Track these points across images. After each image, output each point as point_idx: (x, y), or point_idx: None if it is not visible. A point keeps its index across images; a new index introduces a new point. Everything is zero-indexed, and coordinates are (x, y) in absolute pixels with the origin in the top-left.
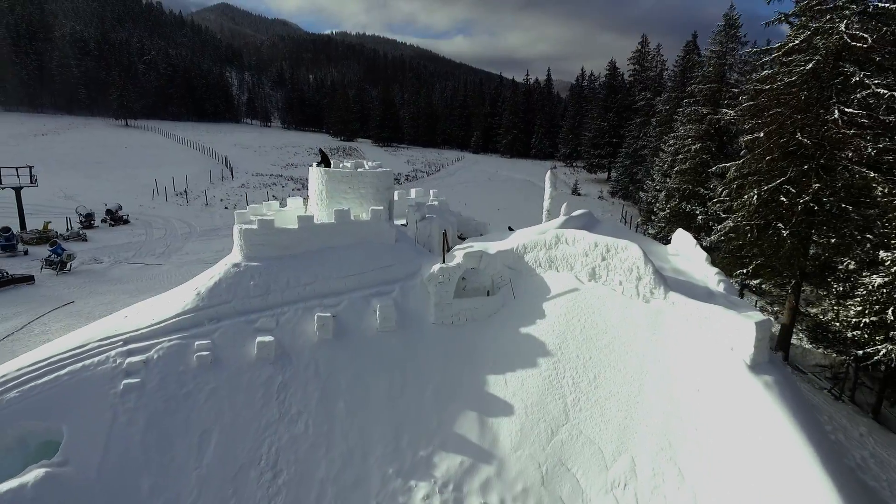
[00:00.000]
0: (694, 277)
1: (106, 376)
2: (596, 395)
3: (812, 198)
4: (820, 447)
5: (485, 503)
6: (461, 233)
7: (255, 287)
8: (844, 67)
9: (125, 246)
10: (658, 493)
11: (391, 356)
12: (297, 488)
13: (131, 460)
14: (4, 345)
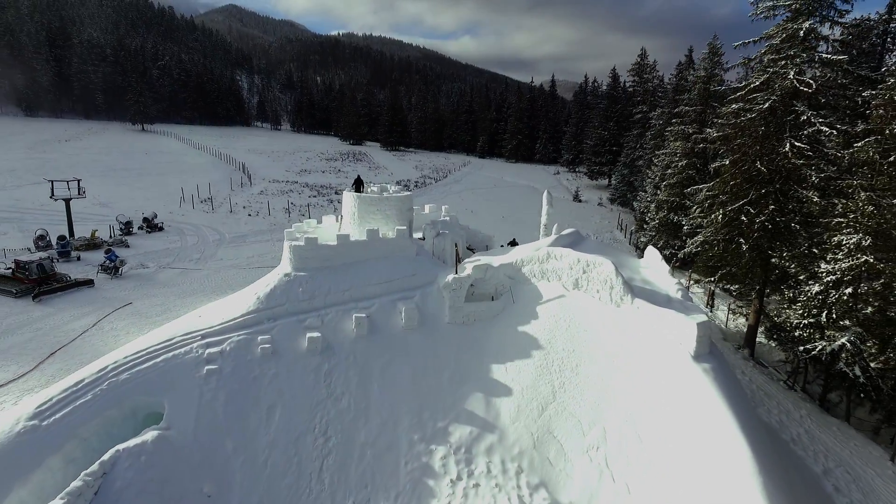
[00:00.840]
0: (658, 286)
1: (191, 363)
2: (577, 380)
3: (768, 218)
4: (741, 414)
5: (489, 462)
6: (470, 245)
7: (302, 293)
8: (796, 107)
9: (164, 252)
10: (622, 453)
11: (414, 349)
12: (343, 450)
13: (217, 427)
14: (84, 339)
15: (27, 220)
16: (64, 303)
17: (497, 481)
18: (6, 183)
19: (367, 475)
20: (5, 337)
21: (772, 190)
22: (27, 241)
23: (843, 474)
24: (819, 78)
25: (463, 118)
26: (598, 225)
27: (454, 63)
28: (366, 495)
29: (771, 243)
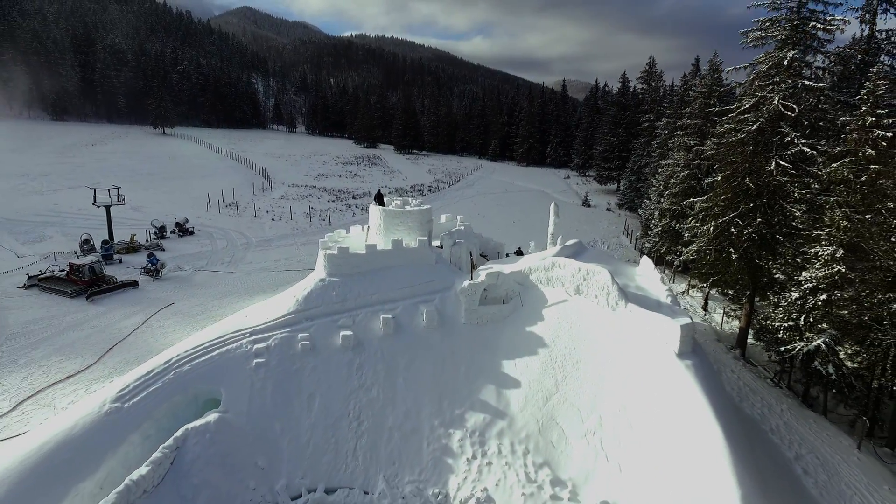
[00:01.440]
0: (650, 293)
1: (242, 357)
2: (577, 374)
3: (755, 230)
4: (717, 404)
5: (500, 444)
6: (483, 252)
7: (336, 296)
8: (782, 128)
9: (196, 255)
10: (616, 438)
11: (434, 346)
12: (374, 433)
13: (266, 411)
14: (136, 335)
15: (68, 224)
16: (113, 302)
17: (507, 460)
18: (43, 187)
19: (395, 454)
20: (68, 333)
21: (759, 204)
22: (71, 244)
23: (813, 459)
24: (802, 102)
25: (475, 122)
26: (606, 230)
27: (466, 64)
28: (394, 471)
29: (758, 252)
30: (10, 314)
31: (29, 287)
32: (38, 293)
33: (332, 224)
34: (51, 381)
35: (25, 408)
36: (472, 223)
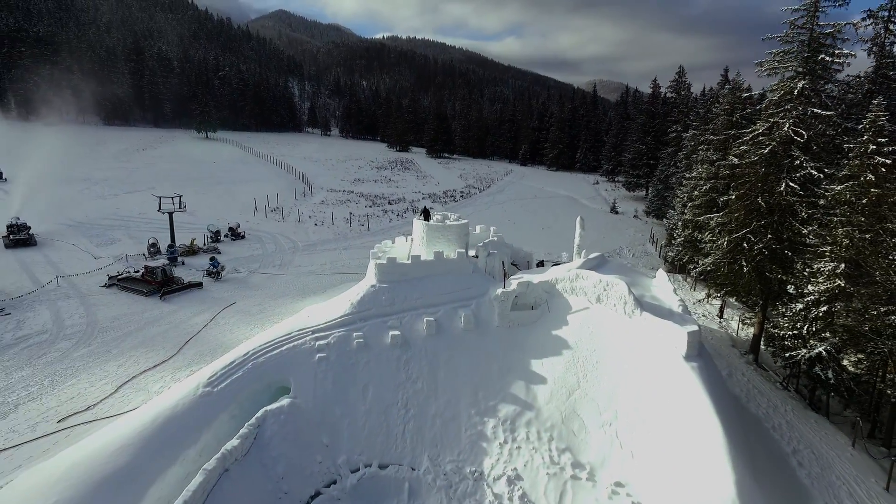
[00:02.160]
0: (663, 302)
1: (307, 352)
2: (596, 373)
3: (766, 245)
4: (718, 401)
5: (528, 431)
6: (514, 261)
7: (385, 300)
8: (792, 152)
9: (249, 258)
10: (629, 428)
11: (471, 345)
12: (419, 419)
13: (328, 398)
14: (206, 331)
15: (132, 227)
16: (182, 301)
17: (534, 445)
18: (105, 192)
19: (437, 437)
20: (149, 328)
21: (770, 221)
22: (138, 247)
23: (809, 454)
24: (812, 128)
25: (506, 126)
26: (632, 238)
27: (497, 65)
28: (437, 451)
29: (769, 266)
30: (98, 310)
31: (109, 286)
32: (118, 292)
33: (371, 229)
34: (141, 369)
35: (125, 391)
36: (502, 230)
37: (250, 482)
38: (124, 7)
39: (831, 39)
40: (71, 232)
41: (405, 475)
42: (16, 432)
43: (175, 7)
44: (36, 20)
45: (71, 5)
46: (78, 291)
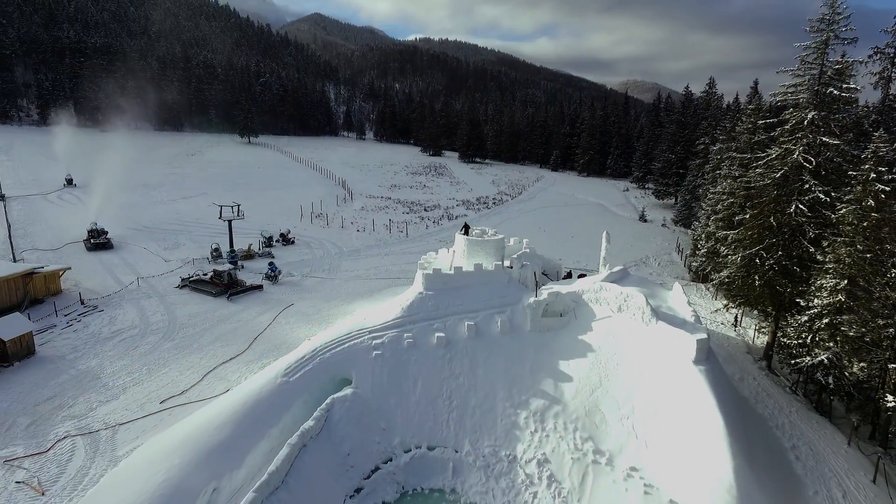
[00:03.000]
0: (677, 312)
1: (365, 349)
2: (617, 373)
3: (776, 261)
4: (723, 400)
5: (555, 423)
6: (545, 271)
7: (431, 306)
8: (802, 176)
9: (300, 263)
10: (644, 422)
11: (506, 347)
12: (461, 409)
13: (384, 389)
14: (271, 329)
15: (192, 232)
16: (247, 302)
17: (560, 434)
18: (163, 197)
19: (477, 425)
20: (221, 325)
21: (781, 239)
22: (200, 251)
23: (806, 450)
24: (820, 155)
25: (537, 132)
26: (659, 247)
27: (528, 67)
28: (476, 437)
29: (779, 280)
30: (176, 308)
31: (182, 287)
32: (190, 292)
33: (409, 236)
34: (220, 361)
35: (209, 379)
36: (533, 238)
37: (323, 457)
38: (172, 16)
39: (839, 74)
40: (139, 236)
41: (450, 456)
42: (129, 410)
43: (218, 15)
44: (93, 32)
45: (123, 16)
46: (156, 291)
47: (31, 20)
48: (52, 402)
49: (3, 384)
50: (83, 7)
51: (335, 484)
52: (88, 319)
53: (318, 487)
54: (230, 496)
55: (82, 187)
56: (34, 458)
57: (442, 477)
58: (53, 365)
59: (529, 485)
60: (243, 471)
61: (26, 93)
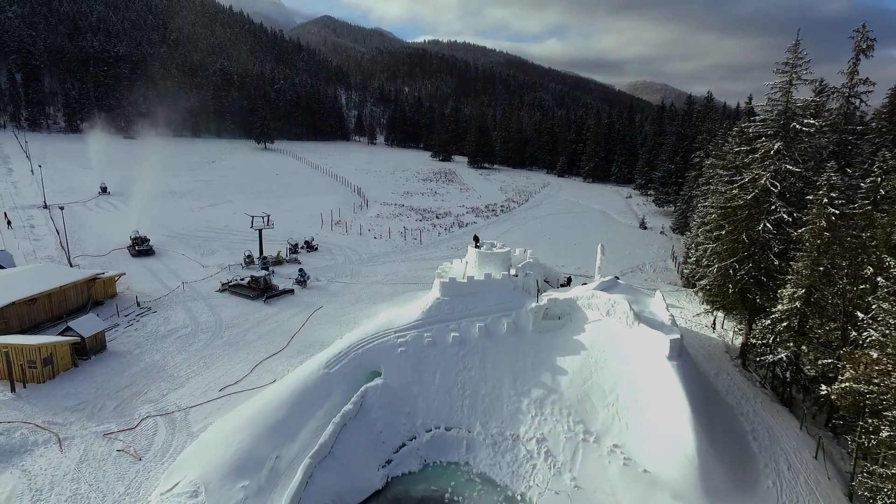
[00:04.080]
0: (657, 316)
1: (391, 346)
2: (604, 367)
3: (747, 272)
4: (690, 389)
5: (552, 409)
6: (546, 278)
7: (447, 310)
8: (770, 199)
9: (325, 269)
10: (627, 407)
11: (511, 345)
12: (473, 398)
13: (407, 380)
14: (305, 329)
15: (223, 239)
16: (281, 305)
17: (556, 418)
18: (191, 205)
19: (486, 411)
20: (261, 325)
21: (751, 253)
22: (233, 257)
23: (764, 432)
24: (785, 180)
25: (544, 138)
26: (655, 254)
27: (537, 69)
28: (486, 420)
29: (750, 288)
30: (220, 310)
31: (222, 291)
32: (230, 296)
33: (423, 243)
34: (265, 356)
35: (257, 371)
36: (537, 245)
37: (359, 434)
38: (189, 24)
39: (801, 111)
40: (175, 242)
41: (464, 435)
42: (194, 396)
43: (232, 22)
44: (115, 41)
45: (143, 24)
46: (200, 295)
47: (57, 30)
48: (130, 389)
49: (86, 374)
50: (105, 17)
51: (370, 456)
52: (145, 320)
53: (357, 458)
54: (289, 462)
55: (116, 195)
56: (126, 433)
57: (457, 452)
58: (124, 359)
59: (529, 458)
60: (297, 443)
61: (53, 101)
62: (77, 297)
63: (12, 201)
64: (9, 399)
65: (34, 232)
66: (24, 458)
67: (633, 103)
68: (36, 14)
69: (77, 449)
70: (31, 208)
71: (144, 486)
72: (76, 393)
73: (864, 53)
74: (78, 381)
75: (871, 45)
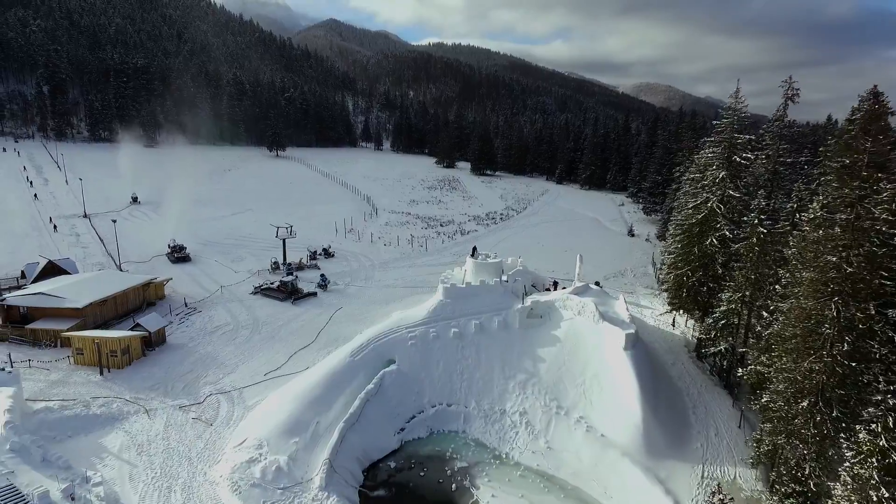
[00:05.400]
0: (619, 315)
1: (403, 339)
2: (575, 357)
3: (697, 279)
4: (640, 372)
5: (533, 389)
6: (534, 283)
7: (449, 310)
8: (716, 218)
9: (342, 273)
10: (591, 388)
11: (501, 339)
12: (469, 380)
13: (416, 367)
14: (329, 326)
15: (249, 246)
16: (306, 306)
17: (535, 396)
18: (215, 213)
19: (480, 391)
20: (291, 323)
21: (701, 263)
22: (260, 263)
23: (702, 408)
24: (729, 203)
25: (544, 147)
26: (638, 260)
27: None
28: (479, 398)
29: (701, 293)
30: (255, 310)
31: (255, 293)
32: (261, 298)
33: (428, 250)
34: (297, 348)
35: (293, 360)
36: (531, 252)
37: (379, 408)
38: (202, 34)
39: (741, 147)
40: (206, 250)
41: (461, 410)
42: (244, 379)
43: (243, 31)
44: (133, 53)
45: (158, 35)
46: (236, 297)
47: (78, 43)
48: (192, 374)
49: (154, 362)
50: (122, 28)
51: (388, 424)
52: (193, 318)
53: (377, 426)
54: (326, 426)
55: (146, 204)
56: (196, 406)
57: (456, 423)
58: (181, 350)
59: (513, 427)
60: (332, 413)
61: (76, 111)
62: (135, 298)
63: (54, 210)
64: (100, 380)
65: (80, 240)
66: (123, 424)
67: (636, 106)
68: (59, 27)
69: (161, 417)
70: (73, 217)
71: (217, 443)
72: (150, 376)
73: (791, 100)
74: (149, 367)
75: (797, 94)
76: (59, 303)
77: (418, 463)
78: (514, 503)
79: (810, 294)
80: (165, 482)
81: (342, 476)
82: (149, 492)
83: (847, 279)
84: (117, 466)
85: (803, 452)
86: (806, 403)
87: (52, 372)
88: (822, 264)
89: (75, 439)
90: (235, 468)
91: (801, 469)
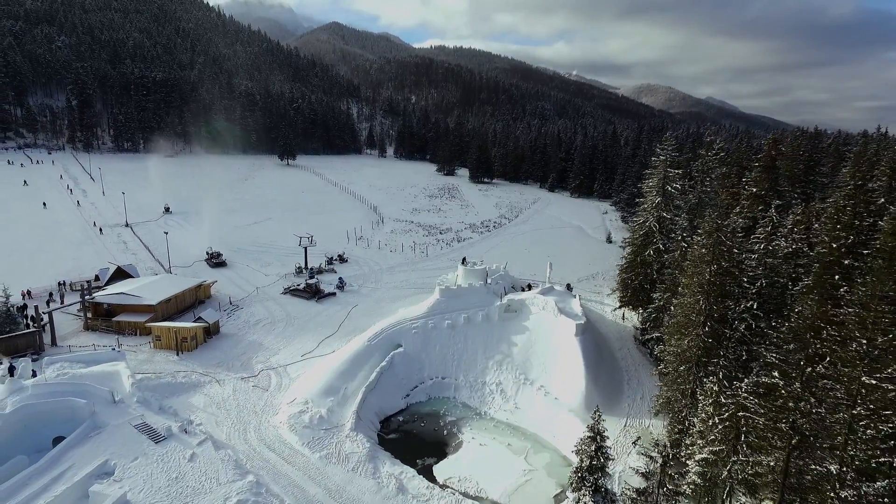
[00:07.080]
0: (574, 310)
1: (408, 329)
2: (540, 343)
3: (639, 282)
4: (587, 353)
5: (507, 366)
6: (513, 285)
7: (444, 306)
8: (655, 235)
9: (355, 276)
10: (550, 365)
11: (483, 329)
12: (459, 360)
13: (419, 350)
14: (348, 320)
15: (273, 253)
16: (328, 304)
17: (508, 371)
18: (239, 222)
19: (467, 367)
20: (317, 317)
21: (643, 270)
22: (284, 268)
23: (636, 380)
24: (665, 223)
25: (538, 156)
26: (609, 264)
27: (541, 74)
28: (466, 373)
29: (642, 291)
30: (287, 307)
31: (285, 293)
32: (291, 297)
33: (429, 255)
34: (324, 337)
35: (321, 346)
36: (518, 258)
37: (391, 379)
38: (213, 46)
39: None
40: (237, 255)
41: (452, 382)
42: (286, 359)
43: (251, 41)
44: (151, 66)
45: (173, 48)
46: (269, 296)
47: (100, 58)
48: (245, 356)
49: (214, 347)
50: (140, 42)
51: (397, 391)
52: (237, 314)
53: (389, 391)
54: (352, 391)
55: (177, 213)
56: (253, 378)
57: (448, 391)
58: (232, 339)
59: (491, 394)
60: (355, 382)
61: (100, 122)
62: (190, 297)
63: (97, 219)
64: (177, 360)
65: (128, 247)
66: (202, 389)
67: (634, 109)
68: (81, 43)
69: (228, 385)
70: (117, 227)
71: (273, 402)
72: (213, 357)
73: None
74: (210, 351)
75: (714, 142)
76: (137, 300)
77: (419, 418)
78: (488, 442)
79: (689, 293)
80: (241, 426)
81: (365, 423)
82: (232, 432)
83: (709, 283)
84: (205, 416)
85: (682, 401)
86: (684, 368)
87: (138, 353)
88: (697, 273)
89: (171, 399)
90: (290, 416)
91: (681, 413)
